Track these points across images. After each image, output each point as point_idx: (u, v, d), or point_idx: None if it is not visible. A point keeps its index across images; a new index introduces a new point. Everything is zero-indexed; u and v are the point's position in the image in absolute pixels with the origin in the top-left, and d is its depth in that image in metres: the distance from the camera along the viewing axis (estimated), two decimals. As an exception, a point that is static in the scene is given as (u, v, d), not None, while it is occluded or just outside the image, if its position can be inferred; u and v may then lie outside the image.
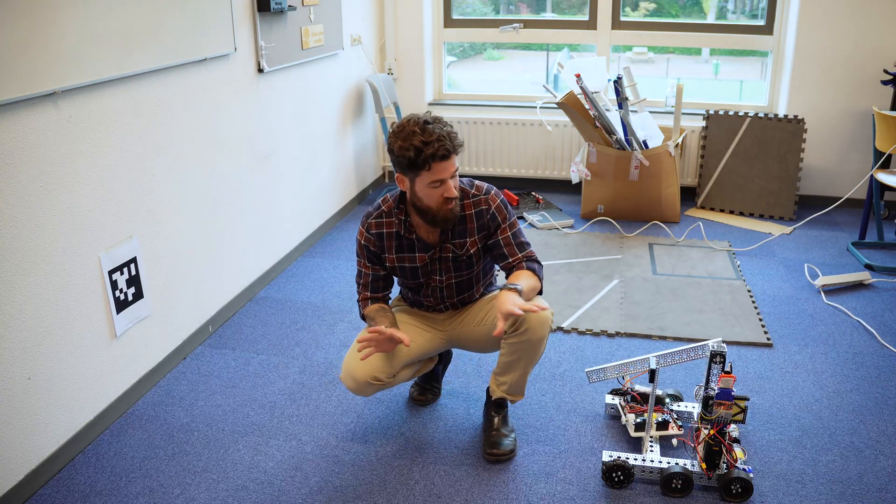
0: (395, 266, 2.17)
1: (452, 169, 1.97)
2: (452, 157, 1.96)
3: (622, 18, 4.55)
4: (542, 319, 2.05)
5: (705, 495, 2.05)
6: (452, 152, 1.95)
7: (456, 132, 2.00)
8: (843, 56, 4.17)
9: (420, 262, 2.15)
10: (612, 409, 2.40)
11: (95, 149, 2.25)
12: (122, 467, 2.20)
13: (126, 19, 2.29)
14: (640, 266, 3.59)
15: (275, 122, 3.41)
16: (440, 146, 1.91)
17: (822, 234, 4.01)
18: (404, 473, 2.16)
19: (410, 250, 2.15)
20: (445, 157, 1.93)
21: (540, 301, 2.10)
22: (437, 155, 1.92)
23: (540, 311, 1.97)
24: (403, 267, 2.17)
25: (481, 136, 4.74)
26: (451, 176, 1.98)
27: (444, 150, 1.92)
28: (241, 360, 2.78)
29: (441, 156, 1.92)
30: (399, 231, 2.12)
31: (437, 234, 2.13)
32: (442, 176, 1.96)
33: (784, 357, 2.76)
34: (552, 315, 2.10)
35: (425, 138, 1.91)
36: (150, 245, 2.55)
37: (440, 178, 1.96)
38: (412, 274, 2.18)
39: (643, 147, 4.08)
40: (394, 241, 2.14)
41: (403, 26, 4.71)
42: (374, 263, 2.19)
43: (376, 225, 2.14)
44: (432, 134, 1.92)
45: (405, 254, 2.15)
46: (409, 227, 2.11)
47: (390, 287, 2.26)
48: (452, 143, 1.94)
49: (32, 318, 2.05)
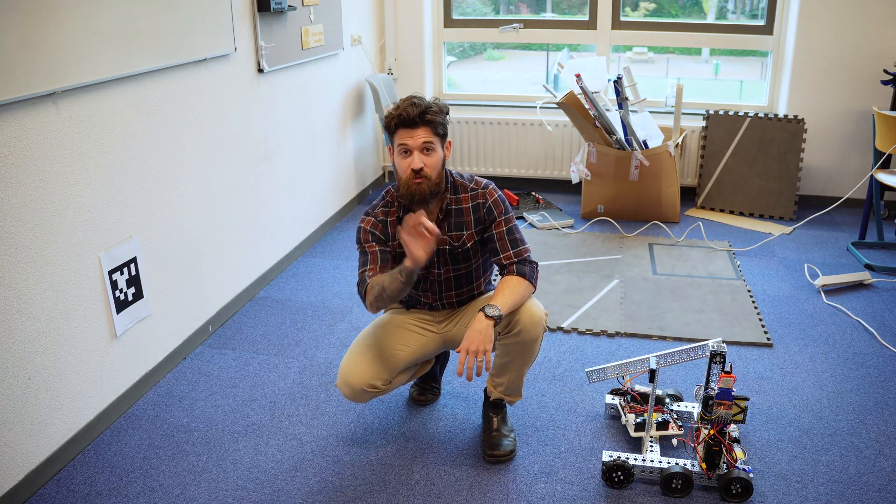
0: (397, 253, 2.17)
1: (420, 140, 2.00)
2: (420, 128, 2.00)
3: (622, 18, 4.55)
4: (535, 320, 2.05)
5: (705, 495, 2.05)
6: (420, 122, 1.99)
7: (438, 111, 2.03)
8: (843, 56, 4.17)
9: None
10: (612, 409, 2.40)
11: (95, 149, 2.25)
12: (122, 467, 2.20)
13: (126, 19, 2.29)
14: (640, 266, 3.59)
15: (275, 122, 3.41)
16: (407, 112, 1.99)
17: (822, 234, 4.01)
18: (404, 473, 2.16)
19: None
20: (410, 125, 1.99)
21: (533, 304, 2.09)
22: (403, 118, 1.99)
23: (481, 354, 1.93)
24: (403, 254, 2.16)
25: (481, 136, 4.74)
26: (418, 148, 2.01)
27: (409, 115, 1.98)
28: (241, 360, 2.78)
29: (405, 120, 1.99)
30: (400, 216, 2.14)
31: (433, 222, 2.13)
32: (405, 141, 2.01)
33: (784, 357, 2.76)
34: (546, 316, 2.10)
35: (401, 104, 2.01)
36: (150, 245, 2.55)
37: (404, 143, 2.01)
38: None
39: (643, 147, 4.08)
40: (394, 229, 2.15)
41: (403, 26, 4.71)
42: (380, 243, 2.16)
43: (382, 213, 2.16)
44: (409, 101, 2.01)
45: None
46: (406, 211, 2.12)
47: None
48: (421, 115, 1.99)
49: (32, 318, 2.05)
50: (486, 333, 1.93)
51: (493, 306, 1.97)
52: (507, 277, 2.08)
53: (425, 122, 1.99)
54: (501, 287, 2.05)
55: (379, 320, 2.29)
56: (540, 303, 2.11)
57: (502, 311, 1.97)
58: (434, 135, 2.02)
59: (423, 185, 2.02)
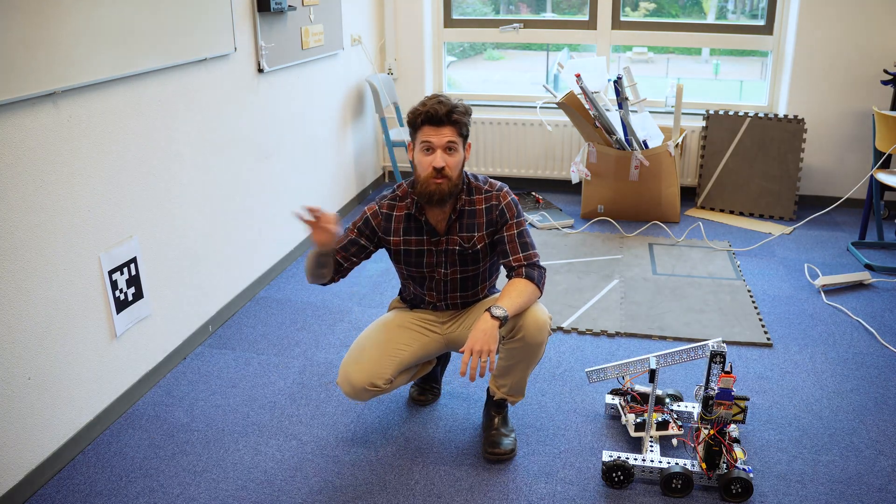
0: (401, 249, 2.17)
1: (444, 139, 2.00)
2: (446, 127, 2.00)
3: (622, 18, 4.55)
4: (539, 325, 2.04)
5: (705, 495, 2.05)
6: (446, 121, 1.99)
7: (464, 112, 2.04)
8: (843, 56, 4.17)
9: (427, 245, 2.15)
10: (612, 409, 2.40)
11: (95, 149, 2.25)
12: (122, 467, 2.20)
13: (126, 19, 2.29)
14: (640, 266, 3.59)
15: (275, 122, 3.41)
16: (434, 110, 1.99)
17: (822, 234, 4.01)
18: (404, 474, 2.16)
19: (418, 233, 2.15)
20: (437, 123, 1.99)
21: (538, 308, 2.08)
22: (430, 115, 1.99)
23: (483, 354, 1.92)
24: (409, 250, 2.17)
25: (481, 136, 4.74)
26: (441, 147, 2.01)
27: (436, 112, 1.99)
28: (241, 360, 2.78)
29: (432, 117, 1.99)
30: (410, 211, 2.14)
31: (445, 222, 2.13)
32: (430, 138, 2.01)
33: (784, 357, 2.76)
34: (550, 320, 2.09)
35: (428, 101, 2.02)
36: (150, 245, 2.55)
37: (428, 141, 2.01)
38: (417, 261, 2.18)
39: (643, 147, 4.08)
40: (402, 224, 2.16)
41: (403, 26, 4.71)
42: (361, 232, 2.17)
43: (388, 206, 2.17)
44: (436, 99, 2.02)
45: (412, 236, 2.16)
46: (419, 208, 2.12)
47: (352, 266, 2.20)
48: (448, 114, 1.99)
49: (32, 317, 2.05)
50: (490, 334, 1.92)
51: (500, 307, 1.96)
52: (515, 280, 2.08)
53: (451, 122, 2.00)
54: (508, 289, 2.05)
55: (382, 319, 2.29)
56: (545, 307, 2.10)
57: (508, 313, 1.97)
58: (458, 135, 2.03)
59: (443, 185, 2.03)
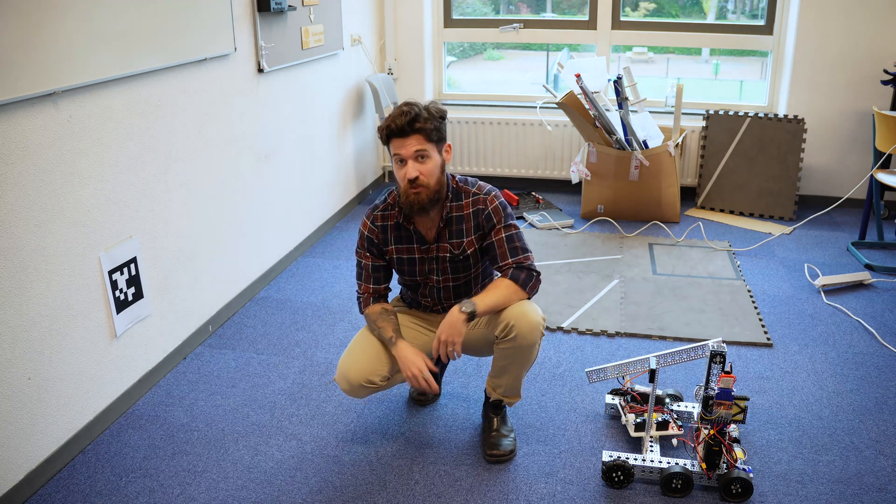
0: (395, 258, 2.18)
1: (412, 150, 1.98)
2: (411, 136, 1.97)
3: (622, 18, 4.55)
4: (531, 326, 2.03)
5: (705, 495, 2.05)
6: (410, 131, 1.96)
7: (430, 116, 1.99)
8: (843, 56, 4.17)
9: (418, 253, 2.16)
10: (612, 409, 2.40)
11: (95, 149, 2.25)
12: (122, 467, 2.20)
13: (126, 19, 2.29)
14: (640, 266, 3.59)
15: (275, 122, 3.41)
16: (396, 124, 1.96)
17: (822, 234, 4.01)
18: (404, 473, 2.16)
19: (409, 241, 2.16)
20: (401, 134, 1.97)
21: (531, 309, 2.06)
22: (392, 129, 1.97)
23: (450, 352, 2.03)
24: (402, 259, 2.18)
25: (481, 136, 4.74)
26: (411, 156, 1.99)
27: (396, 125, 1.96)
28: (241, 360, 2.78)
29: (395, 131, 1.97)
30: (399, 220, 2.14)
31: (435, 229, 2.13)
32: (398, 151, 1.99)
33: (784, 357, 2.76)
34: (544, 321, 2.09)
35: (392, 114, 1.99)
36: (150, 245, 2.55)
37: (398, 153, 2.00)
38: (410, 270, 2.19)
39: (643, 147, 4.08)
40: (394, 233, 2.16)
41: (403, 26, 4.71)
42: (374, 255, 2.20)
43: (381, 217, 2.17)
44: (399, 110, 1.98)
45: (404, 245, 2.16)
46: (407, 217, 2.12)
47: (390, 278, 2.26)
48: (410, 123, 1.95)
49: (32, 317, 2.05)
50: (455, 326, 1.99)
51: (471, 302, 2.02)
52: (498, 279, 2.11)
53: (415, 130, 1.97)
54: (488, 287, 2.10)
55: None
56: (538, 308, 2.10)
57: (477, 309, 2.01)
58: (427, 141, 1.99)
59: (420, 194, 2.02)
